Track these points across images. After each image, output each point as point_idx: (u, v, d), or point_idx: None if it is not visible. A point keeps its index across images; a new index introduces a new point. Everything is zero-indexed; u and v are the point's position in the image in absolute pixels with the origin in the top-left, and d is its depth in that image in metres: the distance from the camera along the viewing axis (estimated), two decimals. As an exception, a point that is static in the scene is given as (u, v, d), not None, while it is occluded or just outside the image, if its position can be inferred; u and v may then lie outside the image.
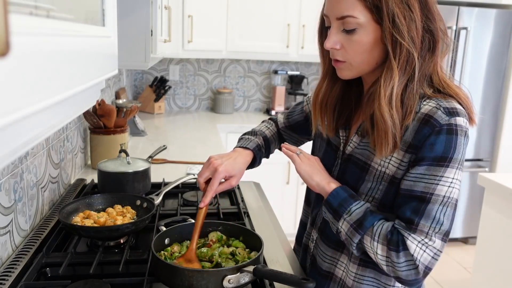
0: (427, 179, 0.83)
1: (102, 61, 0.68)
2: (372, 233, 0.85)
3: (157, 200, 1.35)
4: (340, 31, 0.87)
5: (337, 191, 0.91)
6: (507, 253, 1.92)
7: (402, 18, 0.81)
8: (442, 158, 0.82)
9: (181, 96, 3.61)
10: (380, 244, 0.84)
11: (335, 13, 0.86)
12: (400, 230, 0.84)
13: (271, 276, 0.89)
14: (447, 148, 0.82)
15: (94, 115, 1.76)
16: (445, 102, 0.84)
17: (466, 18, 3.15)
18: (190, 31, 2.95)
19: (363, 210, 0.88)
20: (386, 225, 0.85)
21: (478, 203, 3.31)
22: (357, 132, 0.97)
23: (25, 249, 1.06)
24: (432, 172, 0.82)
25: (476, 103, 3.29)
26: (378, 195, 0.91)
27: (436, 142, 0.82)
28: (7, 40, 0.29)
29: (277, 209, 1.83)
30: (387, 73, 0.84)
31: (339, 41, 0.88)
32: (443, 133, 0.81)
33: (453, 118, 0.82)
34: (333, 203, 0.91)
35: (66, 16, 0.52)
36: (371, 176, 0.91)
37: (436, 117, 0.82)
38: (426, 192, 0.83)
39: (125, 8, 1.64)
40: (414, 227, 0.83)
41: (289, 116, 1.26)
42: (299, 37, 3.24)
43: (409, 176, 0.85)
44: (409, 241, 0.82)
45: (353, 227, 0.87)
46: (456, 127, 0.82)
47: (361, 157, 0.94)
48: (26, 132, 0.43)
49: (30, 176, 1.20)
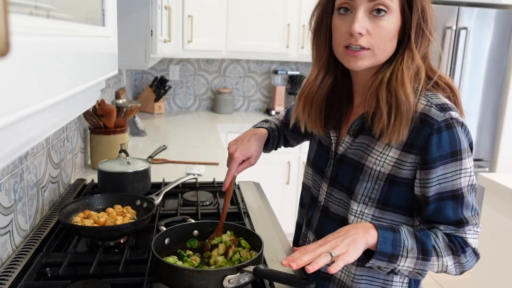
0: (450, 177, 0.85)
1: (102, 61, 0.68)
2: (437, 252, 0.85)
3: (157, 200, 1.35)
4: (366, 15, 0.84)
5: (383, 235, 0.83)
6: (507, 253, 1.92)
7: (429, 10, 0.86)
8: (452, 153, 0.84)
9: (181, 96, 3.61)
10: (447, 256, 0.86)
11: None
12: (455, 234, 0.87)
13: (271, 276, 0.89)
14: (453, 143, 0.84)
15: (94, 115, 1.76)
16: (435, 99, 0.86)
17: (466, 18, 3.14)
18: (190, 31, 2.95)
19: (413, 236, 0.85)
20: (441, 237, 0.86)
21: (478, 203, 3.30)
22: (348, 132, 0.97)
23: (25, 249, 1.06)
24: (451, 169, 0.84)
25: (476, 103, 3.29)
26: (374, 195, 0.91)
27: (441, 140, 0.83)
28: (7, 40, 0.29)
29: (277, 209, 1.83)
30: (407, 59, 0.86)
31: (365, 26, 0.85)
32: (444, 130, 0.83)
33: (447, 113, 0.84)
34: (387, 250, 0.83)
35: (66, 16, 0.52)
36: (366, 176, 0.91)
37: (431, 115, 0.84)
38: (456, 190, 0.85)
39: (125, 8, 1.64)
40: (465, 224, 0.87)
41: (288, 113, 1.26)
42: (299, 37, 3.24)
43: (432, 181, 0.85)
44: (468, 238, 0.87)
45: (419, 259, 0.84)
46: (452, 120, 0.84)
47: (354, 157, 0.94)
48: (26, 132, 0.43)
49: (30, 176, 1.20)
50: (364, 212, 0.93)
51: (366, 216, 0.93)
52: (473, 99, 3.28)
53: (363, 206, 0.93)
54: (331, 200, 1.00)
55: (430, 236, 0.86)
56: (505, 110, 3.33)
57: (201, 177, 1.78)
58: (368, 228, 0.84)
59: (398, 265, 0.84)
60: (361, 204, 0.93)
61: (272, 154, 1.32)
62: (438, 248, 0.85)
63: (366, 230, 0.84)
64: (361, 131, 0.94)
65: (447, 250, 0.86)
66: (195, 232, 1.10)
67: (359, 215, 0.93)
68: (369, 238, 0.83)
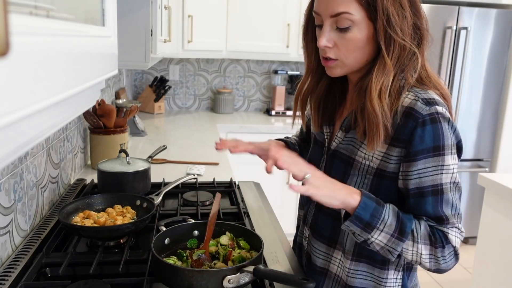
0: (430, 172, 0.84)
1: (102, 61, 0.68)
2: (413, 236, 0.85)
3: (157, 200, 1.34)
4: (333, 29, 0.87)
5: (365, 202, 0.84)
6: (507, 253, 1.92)
7: (396, 15, 0.83)
8: (435, 147, 0.84)
9: (181, 96, 3.60)
10: (423, 244, 0.85)
11: (329, 11, 0.86)
12: (438, 227, 0.87)
13: (271, 276, 0.89)
14: (436, 137, 0.83)
15: (94, 115, 1.76)
16: (423, 93, 0.86)
17: (466, 18, 3.14)
18: (190, 31, 2.95)
19: (396, 214, 0.85)
20: (423, 225, 0.86)
21: (478, 203, 3.30)
22: (341, 128, 0.99)
23: (25, 249, 1.06)
24: (432, 163, 0.84)
25: (476, 103, 3.29)
26: (364, 189, 0.91)
27: (424, 134, 0.83)
28: (7, 40, 0.29)
29: (277, 209, 1.83)
30: (379, 68, 0.86)
31: (332, 39, 0.88)
32: (428, 124, 0.83)
33: (433, 107, 0.84)
34: (364, 216, 0.84)
35: (66, 16, 0.52)
36: (356, 170, 0.93)
37: (416, 108, 0.84)
38: (436, 185, 0.85)
39: (125, 8, 1.64)
40: (445, 222, 0.86)
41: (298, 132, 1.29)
42: (299, 37, 3.24)
43: (412, 174, 0.85)
44: (450, 234, 0.86)
45: (394, 237, 0.84)
46: (438, 115, 0.84)
47: (345, 152, 0.96)
48: (26, 132, 0.43)
49: (30, 176, 1.20)
50: None
51: None
52: (473, 99, 3.28)
53: None
54: None
55: (413, 220, 0.86)
56: (505, 110, 3.33)
57: (201, 177, 1.78)
58: (353, 192, 0.85)
59: (371, 237, 0.84)
60: None
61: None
62: (416, 233, 0.85)
63: (350, 192, 0.85)
64: (352, 127, 0.96)
65: (425, 238, 0.85)
66: (195, 232, 1.10)
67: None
68: (350, 199, 0.84)
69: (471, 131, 3.33)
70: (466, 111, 3.28)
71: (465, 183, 3.40)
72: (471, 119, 3.31)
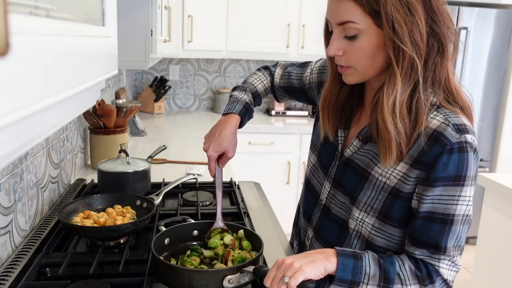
0: (445, 200, 0.82)
1: (102, 61, 0.68)
2: (401, 280, 0.84)
3: (157, 200, 1.35)
4: (342, 37, 0.84)
5: (342, 263, 0.83)
6: (507, 253, 1.92)
7: (402, 23, 0.77)
8: (456, 177, 0.81)
9: (181, 96, 3.60)
10: (412, 285, 0.84)
11: (335, 19, 0.83)
12: (428, 260, 0.85)
13: (271, 276, 0.89)
14: (460, 167, 0.80)
15: (94, 115, 1.76)
16: (454, 118, 0.83)
17: (466, 18, 3.14)
18: (190, 31, 2.94)
19: (377, 263, 0.84)
20: (408, 265, 0.85)
21: (478, 203, 3.30)
22: (358, 137, 0.95)
23: (25, 249, 1.06)
24: (449, 192, 0.82)
25: (476, 103, 3.29)
26: (376, 205, 0.90)
27: (449, 162, 0.80)
28: (7, 40, 0.29)
29: (277, 209, 1.83)
30: (390, 80, 0.82)
31: (342, 47, 0.85)
32: (455, 152, 0.80)
33: (463, 135, 0.81)
34: (346, 277, 0.83)
35: (66, 16, 0.52)
36: (371, 185, 0.90)
37: (446, 134, 0.80)
38: (447, 214, 0.83)
39: (125, 8, 1.64)
40: (441, 253, 0.84)
41: (286, 77, 1.26)
42: (299, 37, 3.24)
43: (426, 198, 0.83)
44: (441, 268, 0.84)
45: (381, 287, 0.83)
46: (466, 144, 0.81)
47: (361, 163, 0.93)
48: (26, 132, 0.43)
49: (30, 176, 1.20)
50: (365, 220, 0.92)
51: (366, 224, 0.92)
52: (473, 99, 3.28)
53: (364, 215, 0.92)
54: (333, 201, 1.00)
55: (395, 263, 0.84)
56: (505, 110, 3.33)
57: (201, 177, 1.78)
58: (329, 256, 0.84)
59: None
60: (362, 212, 0.92)
61: (272, 154, 1.34)
62: (403, 276, 0.84)
63: (327, 257, 0.83)
64: (371, 138, 0.92)
65: (413, 279, 0.84)
66: (195, 232, 1.10)
67: (360, 222, 0.93)
68: (328, 264, 0.82)
69: (471, 131, 3.33)
70: (466, 111, 3.28)
71: (465, 183, 3.40)
72: (471, 119, 3.31)
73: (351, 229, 0.95)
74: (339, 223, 0.98)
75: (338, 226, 0.98)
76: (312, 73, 1.18)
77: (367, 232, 0.92)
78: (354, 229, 0.94)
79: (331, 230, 1.00)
